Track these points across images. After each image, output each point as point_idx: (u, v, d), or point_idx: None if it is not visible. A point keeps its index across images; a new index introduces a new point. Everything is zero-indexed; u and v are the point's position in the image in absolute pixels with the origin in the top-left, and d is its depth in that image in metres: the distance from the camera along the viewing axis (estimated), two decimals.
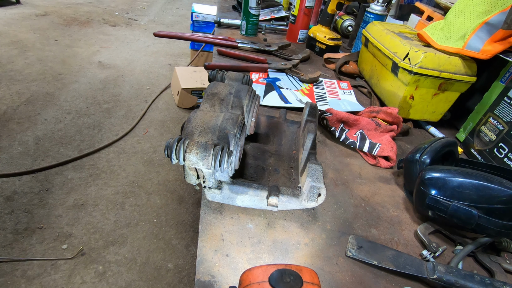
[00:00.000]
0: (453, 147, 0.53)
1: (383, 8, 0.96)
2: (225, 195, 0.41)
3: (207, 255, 0.37)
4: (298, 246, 0.40)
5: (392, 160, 0.58)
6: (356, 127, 0.62)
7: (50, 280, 1.09)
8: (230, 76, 0.51)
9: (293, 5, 1.04)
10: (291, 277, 0.25)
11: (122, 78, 2.38)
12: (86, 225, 1.30)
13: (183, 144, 0.35)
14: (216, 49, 0.91)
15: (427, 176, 0.44)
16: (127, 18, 3.69)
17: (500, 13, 0.58)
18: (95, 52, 2.70)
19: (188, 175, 0.40)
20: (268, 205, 0.40)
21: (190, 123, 0.39)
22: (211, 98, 0.44)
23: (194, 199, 1.51)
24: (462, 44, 0.63)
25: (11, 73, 2.18)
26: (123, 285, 1.12)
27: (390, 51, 0.70)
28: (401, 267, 0.38)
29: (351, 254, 0.40)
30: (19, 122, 1.76)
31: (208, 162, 0.35)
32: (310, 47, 1.06)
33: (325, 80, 0.88)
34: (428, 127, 0.74)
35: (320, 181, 0.40)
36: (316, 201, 0.40)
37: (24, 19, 3.07)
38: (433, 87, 0.66)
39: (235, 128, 0.39)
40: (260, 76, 0.83)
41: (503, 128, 0.59)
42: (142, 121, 1.97)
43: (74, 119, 1.87)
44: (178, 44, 3.08)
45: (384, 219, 0.47)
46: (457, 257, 0.40)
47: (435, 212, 0.43)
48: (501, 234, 0.41)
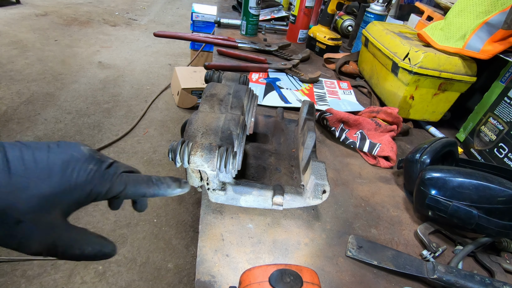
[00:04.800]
0: (453, 147, 0.53)
1: (383, 8, 0.96)
2: (229, 196, 0.41)
3: (207, 255, 0.37)
4: (298, 246, 0.40)
5: (392, 160, 0.58)
6: (356, 127, 0.62)
7: (50, 280, 1.09)
8: (227, 76, 0.51)
9: (293, 5, 1.04)
10: (291, 277, 0.25)
11: (122, 78, 2.38)
12: (86, 225, 1.30)
13: (187, 146, 0.35)
14: (216, 49, 0.91)
15: (427, 176, 0.44)
16: (127, 18, 3.69)
17: (500, 13, 0.58)
18: (95, 52, 2.70)
19: (191, 178, 0.40)
20: (273, 204, 0.40)
21: (192, 125, 0.38)
22: (210, 99, 0.44)
23: (194, 199, 1.51)
24: (462, 44, 0.63)
25: (11, 73, 2.18)
26: (123, 285, 1.12)
27: (390, 51, 0.70)
28: (401, 267, 0.38)
29: (351, 254, 0.40)
30: (19, 122, 1.76)
31: (214, 164, 0.35)
32: (310, 47, 1.06)
33: (325, 80, 0.88)
34: (428, 127, 0.74)
35: (324, 179, 0.40)
36: (321, 198, 0.40)
37: (24, 19, 3.07)
38: (433, 87, 0.66)
39: (238, 128, 0.39)
40: (260, 76, 0.83)
41: (503, 128, 0.59)
42: (142, 121, 1.97)
43: (74, 119, 1.87)
44: (178, 44, 3.08)
45: (384, 219, 0.47)
46: (457, 257, 0.40)
47: (435, 212, 0.43)
48: (501, 234, 0.41)
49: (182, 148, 0.35)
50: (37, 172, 0.23)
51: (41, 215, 0.23)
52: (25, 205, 0.22)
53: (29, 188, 0.22)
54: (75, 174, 0.24)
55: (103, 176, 0.26)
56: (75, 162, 0.25)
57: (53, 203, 0.24)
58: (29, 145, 0.24)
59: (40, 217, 0.23)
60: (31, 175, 0.23)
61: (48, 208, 0.23)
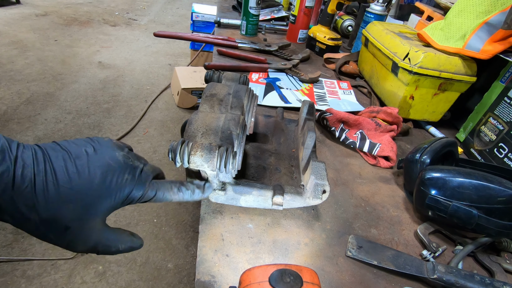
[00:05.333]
0: (453, 147, 0.53)
1: (383, 8, 0.96)
2: (229, 196, 0.41)
3: (207, 255, 0.37)
4: (298, 246, 0.40)
5: (392, 160, 0.58)
6: (356, 127, 0.62)
7: (50, 280, 1.09)
8: (227, 76, 0.51)
9: (293, 5, 1.04)
10: (291, 277, 0.25)
11: (122, 78, 2.38)
12: None
13: (187, 146, 0.35)
14: (216, 49, 0.91)
15: (427, 176, 0.44)
16: (127, 18, 3.69)
17: (500, 13, 0.58)
18: (95, 52, 2.70)
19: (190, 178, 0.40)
20: (273, 204, 0.40)
21: (192, 125, 0.38)
22: (210, 99, 0.44)
23: None
24: (462, 44, 0.63)
25: (11, 73, 2.18)
26: (123, 285, 1.13)
27: (390, 51, 0.70)
28: (401, 267, 0.38)
29: (351, 254, 0.40)
30: (19, 122, 1.76)
31: (213, 164, 0.35)
32: (310, 47, 1.06)
33: (325, 80, 0.88)
34: (428, 127, 0.74)
35: (324, 179, 0.40)
36: (321, 198, 0.40)
37: (24, 19, 3.07)
38: (433, 87, 0.66)
39: (238, 128, 0.39)
40: (260, 76, 0.83)
41: (503, 128, 0.59)
42: (142, 121, 1.97)
43: (74, 119, 1.87)
44: (178, 44, 3.08)
45: (384, 219, 0.47)
46: (457, 257, 0.40)
47: (435, 212, 0.43)
48: (501, 234, 0.41)
49: (182, 148, 0.35)
50: (80, 183, 0.26)
51: (85, 221, 0.26)
52: (71, 214, 0.25)
53: (75, 198, 0.25)
54: (113, 184, 0.28)
55: (137, 184, 0.29)
56: (113, 172, 0.28)
57: (95, 211, 0.27)
58: (69, 151, 0.26)
59: (84, 223, 0.26)
60: (75, 186, 0.25)
61: (91, 215, 0.27)
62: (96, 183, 0.26)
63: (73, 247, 0.27)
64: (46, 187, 0.24)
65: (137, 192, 0.29)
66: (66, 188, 0.25)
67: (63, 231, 0.25)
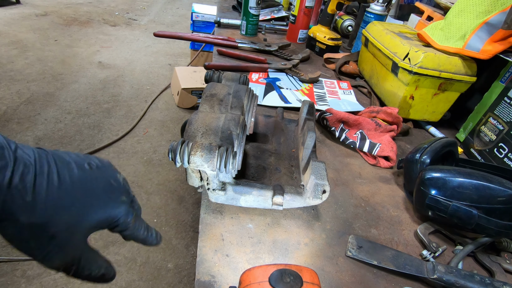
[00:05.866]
0: (453, 147, 0.53)
1: (383, 8, 0.96)
2: (229, 196, 0.41)
3: (207, 255, 0.37)
4: (298, 246, 0.40)
5: (392, 160, 0.58)
6: (356, 127, 0.62)
7: (50, 280, 1.09)
8: (227, 76, 0.51)
9: (293, 5, 1.04)
10: (291, 277, 0.25)
11: (122, 78, 2.38)
12: None
13: (187, 146, 0.35)
14: (216, 49, 0.91)
15: (427, 176, 0.44)
16: (127, 18, 3.69)
17: (500, 13, 0.58)
18: (95, 52, 2.70)
19: (191, 178, 0.40)
20: (273, 204, 0.40)
21: (192, 125, 0.38)
22: (210, 99, 0.44)
23: (194, 199, 1.51)
24: (462, 44, 0.63)
25: (11, 73, 2.18)
26: (123, 285, 1.12)
27: (390, 51, 0.70)
28: (401, 267, 0.38)
29: (351, 254, 0.40)
30: (19, 122, 1.76)
31: (213, 164, 0.35)
32: (310, 47, 1.06)
33: (325, 80, 0.88)
34: (428, 127, 0.74)
35: (324, 179, 0.40)
36: (321, 198, 0.40)
37: (24, 19, 3.07)
38: (433, 87, 0.66)
39: (238, 128, 0.39)
40: (260, 76, 0.83)
41: (503, 128, 0.59)
42: (142, 121, 1.97)
43: (74, 119, 1.87)
44: (178, 44, 3.08)
45: (384, 219, 0.47)
46: (457, 257, 0.40)
47: (435, 212, 0.43)
48: (501, 234, 0.41)
49: (182, 148, 0.35)
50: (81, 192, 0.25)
51: (73, 232, 0.25)
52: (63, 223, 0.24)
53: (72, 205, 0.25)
54: (111, 203, 0.27)
55: (130, 208, 0.29)
56: (112, 189, 0.28)
57: (87, 220, 0.26)
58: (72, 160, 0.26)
59: (71, 234, 0.25)
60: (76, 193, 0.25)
61: (81, 225, 0.26)
62: (97, 194, 0.26)
63: (49, 259, 0.25)
64: (47, 189, 0.23)
65: (127, 215, 0.29)
66: (67, 193, 0.24)
67: (48, 240, 0.24)
